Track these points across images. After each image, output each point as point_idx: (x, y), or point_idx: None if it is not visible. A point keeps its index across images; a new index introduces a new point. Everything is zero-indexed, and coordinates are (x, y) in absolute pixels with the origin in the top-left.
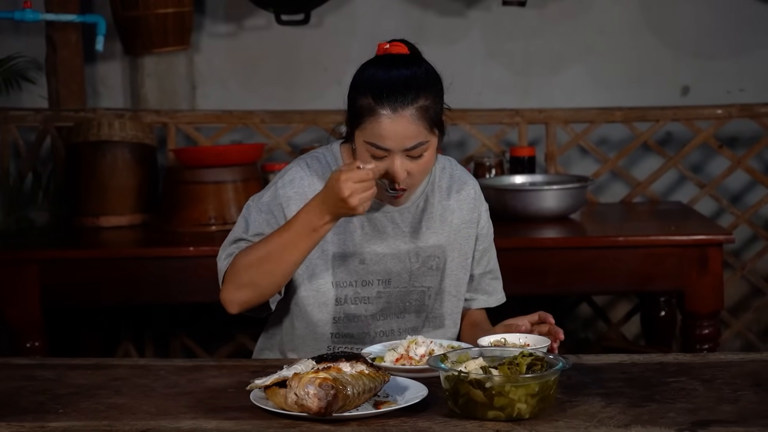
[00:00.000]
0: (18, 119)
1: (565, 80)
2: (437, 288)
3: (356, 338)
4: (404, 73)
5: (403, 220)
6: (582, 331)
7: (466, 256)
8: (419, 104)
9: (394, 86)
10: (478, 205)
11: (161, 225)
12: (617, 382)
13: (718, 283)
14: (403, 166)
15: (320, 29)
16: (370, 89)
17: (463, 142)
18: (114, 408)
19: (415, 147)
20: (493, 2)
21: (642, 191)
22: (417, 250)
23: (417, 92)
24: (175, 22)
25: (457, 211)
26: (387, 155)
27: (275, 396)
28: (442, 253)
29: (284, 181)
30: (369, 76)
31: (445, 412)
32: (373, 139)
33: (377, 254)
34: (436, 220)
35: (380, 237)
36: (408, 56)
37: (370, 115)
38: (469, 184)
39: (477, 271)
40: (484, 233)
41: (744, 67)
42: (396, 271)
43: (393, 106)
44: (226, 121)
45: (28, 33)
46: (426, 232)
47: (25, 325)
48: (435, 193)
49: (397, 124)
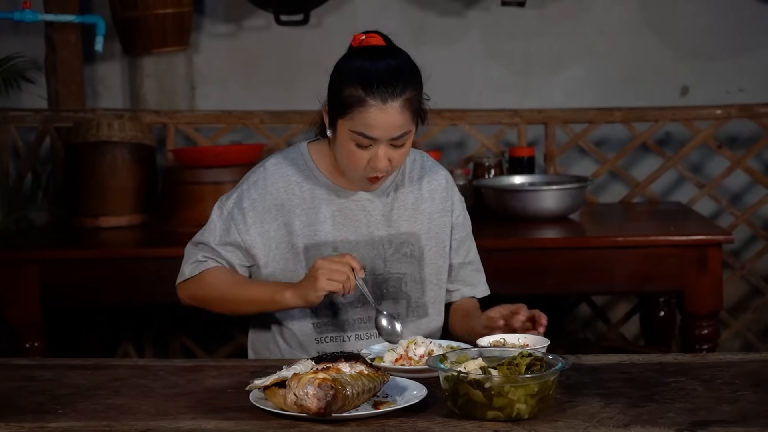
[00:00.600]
0: (17, 119)
1: (564, 80)
2: (417, 277)
3: (337, 325)
4: (391, 65)
5: (375, 207)
6: (581, 331)
7: (444, 245)
8: (407, 95)
9: (383, 77)
10: (450, 194)
11: (160, 225)
12: (616, 383)
13: (717, 283)
14: (386, 155)
15: (319, 29)
16: (359, 80)
17: (463, 143)
18: (113, 408)
19: (400, 136)
20: (493, 2)
21: (641, 191)
22: (390, 237)
23: (405, 84)
24: (175, 23)
25: (428, 200)
26: (372, 144)
27: (274, 396)
28: (416, 241)
29: (249, 184)
30: (355, 67)
31: (444, 412)
32: (362, 129)
33: (350, 242)
34: (408, 208)
35: (352, 225)
36: (388, 47)
37: (359, 106)
38: (440, 174)
39: (456, 261)
40: (460, 222)
41: (743, 68)
42: (370, 257)
43: (383, 97)
44: (226, 122)
45: (27, 33)
46: (398, 219)
47: (25, 326)
48: (406, 183)
49: (386, 114)
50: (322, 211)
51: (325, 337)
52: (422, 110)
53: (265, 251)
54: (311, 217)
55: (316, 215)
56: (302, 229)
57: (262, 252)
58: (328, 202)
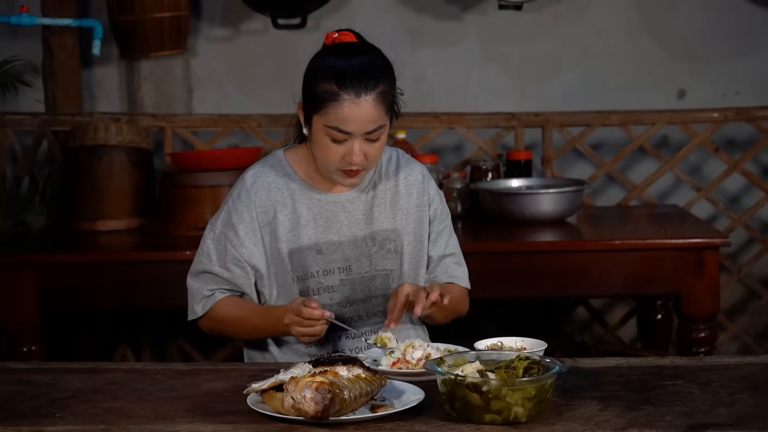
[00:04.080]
0: (15, 123)
1: (561, 84)
2: (398, 272)
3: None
4: (364, 60)
5: (355, 207)
6: (578, 334)
7: (421, 239)
8: (380, 89)
9: (356, 72)
10: (427, 188)
11: (158, 229)
12: (614, 386)
13: (714, 286)
14: (361, 149)
15: (317, 33)
16: (332, 75)
17: (460, 146)
18: (111, 412)
19: (375, 130)
20: (490, 6)
21: (638, 194)
22: (373, 235)
23: (377, 78)
24: (172, 26)
25: (405, 196)
26: (347, 139)
27: (272, 400)
28: (397, 237)
29: (233, 199)
30: (329, 63)
31: (441, 415)
32: (336, 123)
33: (333, 243)
34: (387, 205)
35: (334, 227)
36: (361, 44)
37: (333, 100)
38: (416, 170)
39: (435, 253)
40: (438, 215)
41: (740, 71)
42: (354, 256)
43: (357, 91)
44: (223, 125)
45: (24, 37)
46: (378, 217)
47: (22, 329)
48: (383, 180)
49: (360, 108)
50: (304, 215)
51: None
52: (396, 104)
53: (264, 259)
54: (293, 221)
55: (298, 219)
56: (286, 234)
57: (262, 260)
58: (309, 205)
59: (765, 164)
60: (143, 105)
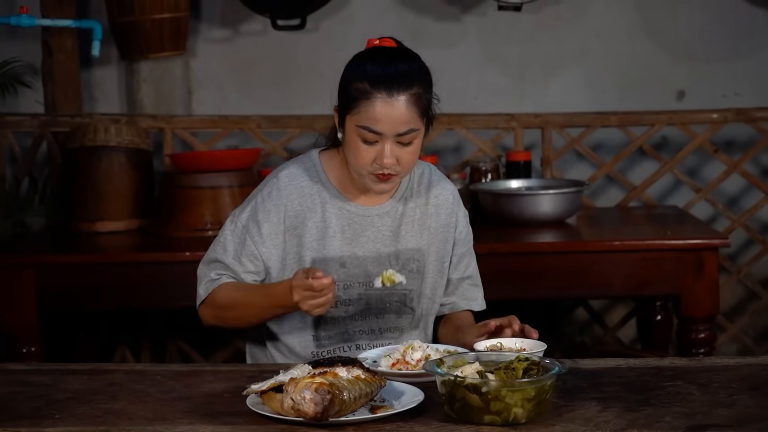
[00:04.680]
0: (14, 124)
1: (560, 84)
2: (417, 291)
3: (336, 338)
4: (400, 61)
5: (383, 223)
6: (578, 335)
7: (443, 260)
8: (413, 91)
9: (390, 72)
10: (456, 209)
11: (157, 230)
12: (613, 387)
13: (714, 287)
14: (393, 152)
15: (316, 34)
16: (366, 74)
17: (459, 147)
18: (110, 413)
19: (407, 133)
20: (489, 7)
21: (638, 195)
22: (397, 253)
23: (412, 79)
24: (171, 27)
25: (434, 216)
26: (378, 140)
27: (272, 401)
28: (421, 257)
29: (263, 195)
30: (364, 64)
31: (441, 416)
32: (367, 123)
33: (357, 257)
34: (414, 224)
35: (360, 240)
36: (399, 48)
37: (366, 99)
38: (447, 189)
39: (455, 276)
40: (462, 238)
41: (739, 71)
42: (376, 273)
43: (389, 90)
44: (222, 126)
45: (24, 38)
46: (405, 235)
47: (22, 330)
48: (413, 197)
49: (392, 107)
50: (332, 225)
51: (322, 351)
52: (431, 111)
53: (280, 264)
54: (321, 230)
55: (326, 229)
56: (312, 243)
57: (277, 264)
58: (338, 216)
59: (764, 165)
60: (143, 106)
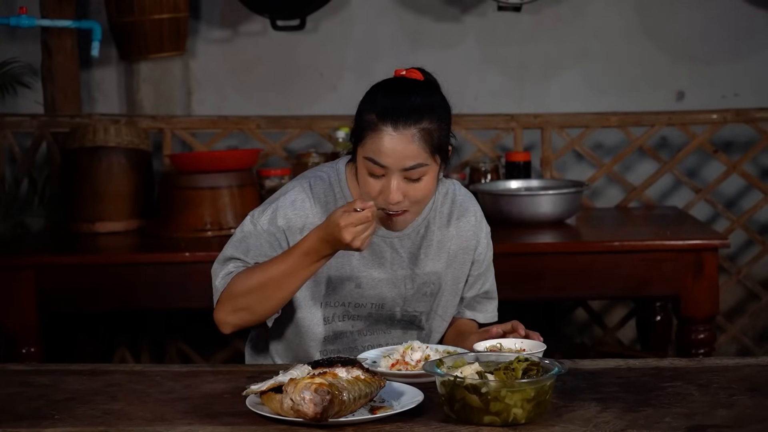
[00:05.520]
0: (14, 125)
1: (560, 85)
2: (428, 312)
3: (344, 353)
4: (412, 95)
5: (403, 246)
6: (578, 336)
7: (459, 281)
8: (422, 126)
9: (399, 105)
10: (477, 231)
11: (157, 230)
12: (613, 387)
13: (713, 287)
14: (399, 187)
15: (316, 35)
16: (375, 106)
17: (459, 148)
18: (110, 414)
19: (414, 168)
20: (489, 8)
21: (637, 196)
22: (413, 276)
23: (421, 114)
24: (171, 28)
25: (455, 238)
26: (385, 173)
27: (271, 401)
28: (437, 280)
29: (285, 201)
30: (377, 94)
31: (440, 417)
32: (373, 155)
33: (373, 279)
34: (434, 247)
35: (378, 262)
36: (421, 82)
37: (373, 131)
38: (470, 211)
39: (469, 294)
40: (481, 259)
41: (739, 72)
42: (390, 296)
43: (395, 124)
44: (222, 127)
45: (23, 38)
46: (424, 259)
47: (21, 331)
48: (436, 220)
49: (397, 142)
50: None
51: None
52: (446, 146)
53: None
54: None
55: None
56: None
57: None
58: None
59: (764, 166)
60: (142, 106)
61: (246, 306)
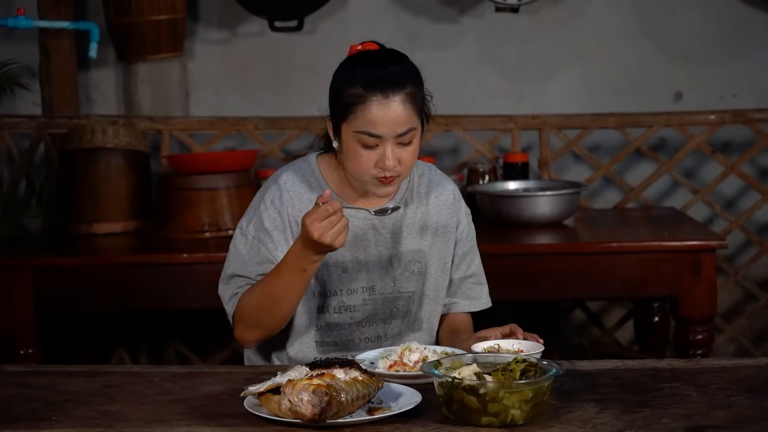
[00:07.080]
0: (11, 126)
1: (558, 86)
2: (419, 293)
3: (340, 345)
4: (390, 63)
5: (384, 226)
6: (576, 336)
7: (445, 261)
8: (408, 90)
9: (382, 73)
10: (456, 209)
11: (155, 232)
12: (611, 388)
13: (711, 288)
14: (394, 154)
15: (314, 36)
16: (358, 79)
17: (457, 148)
18: (108, 415)
19: (406, 132)
20: (487, 8)
21: (635, 197)
22: (399, 255)
23: (405, 78)
24: (169, 29)
25: (435, 216)
26: (378, 144)
27: (269, 403)
28: (422, 258)
29: (265, 203)
30: (354, 69)
31: (439, 418)
32: (366, 127)
33: (359, 261)
34: (415, 225)
35: (361, 245)
36: (392, 50)
37: (361, 103)
38: (448, 189)
39: (456, 276)
40: (464, 237)
41: (737, 73)
42: (378, 276)
43: (384, 92)
44: (220, 128)
45: (21, 40)
46: (407, 237)
47: (19, 332)
48: (414, 199)
49: (389, 109)
50: None
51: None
52: (426, 108)
53: None
54: None
55: None
56: None
57: None
58: None
59: (762, 166)
60: (140, 108)
61: (256, 323)
